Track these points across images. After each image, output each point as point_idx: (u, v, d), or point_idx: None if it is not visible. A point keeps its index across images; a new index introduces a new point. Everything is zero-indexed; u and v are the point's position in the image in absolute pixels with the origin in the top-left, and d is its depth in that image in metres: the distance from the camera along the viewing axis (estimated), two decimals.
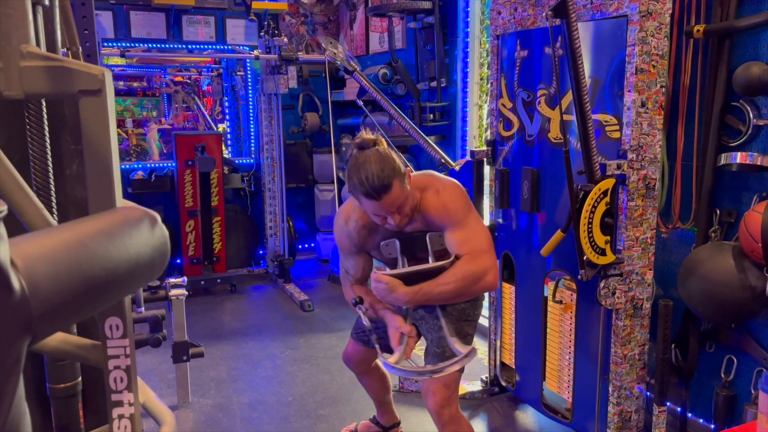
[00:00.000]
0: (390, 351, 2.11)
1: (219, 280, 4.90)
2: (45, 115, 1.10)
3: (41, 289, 0.60)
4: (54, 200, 1.14)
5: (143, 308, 2.73)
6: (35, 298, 0.59)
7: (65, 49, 1.29)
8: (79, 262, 0.66)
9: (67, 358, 1.09)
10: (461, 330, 2.16)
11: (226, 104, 6.02)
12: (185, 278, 3.10)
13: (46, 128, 1.08)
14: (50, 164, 1.11)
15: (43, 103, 1.08)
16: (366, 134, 1.99)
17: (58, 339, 0.99)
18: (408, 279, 1.94)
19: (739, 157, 2.22)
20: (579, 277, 2.28)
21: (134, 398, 0.97)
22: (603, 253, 2.26)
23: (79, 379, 1.17)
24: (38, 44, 1.10)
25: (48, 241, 0.65)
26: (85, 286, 0.67)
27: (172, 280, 3.05)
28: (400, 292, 1.92)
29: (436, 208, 2.00)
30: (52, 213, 1.14)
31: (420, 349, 2.39)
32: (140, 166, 5.28)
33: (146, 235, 0.77)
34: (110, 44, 4.85)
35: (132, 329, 0.99)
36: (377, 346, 2.08)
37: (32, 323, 0.59)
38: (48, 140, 1.10)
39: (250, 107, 5.60)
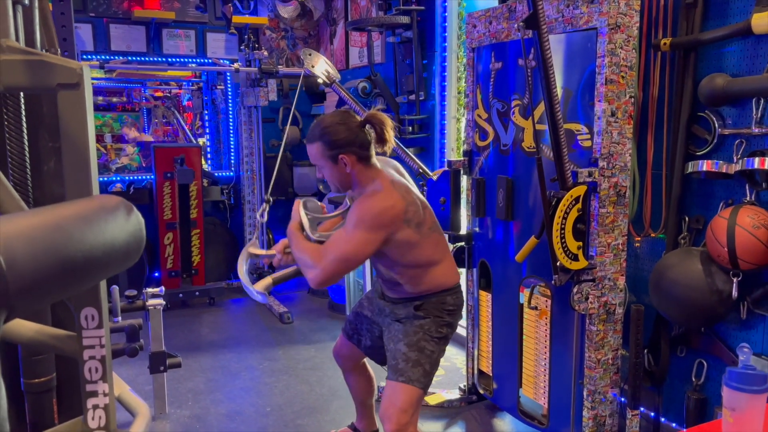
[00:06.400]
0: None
1: (197, 293, 4.87)
2: (23, 112, 1.11)
3: (18, 265, 0.62)
4: (31, 196, 1.15)
5: (120, 318, 2.72)
6: (12, 274, 0.61)
7: (44, 50, 1.31)
8: (55, 242, 0.68)
9: (42, 349, 1.09)
10: (418, 344, 2.16)
11: (206, 118, 6.02)
12: (163, 288, 3.09)
13: (24, 125, 1.10)
14: (28, 161, 1.13)
15: (22, 100, 1.10)
16: (372, 112, 2.12)
17: (33, 330, 1.00)
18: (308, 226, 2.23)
19: (706, 165, 2.30)
20: (552, 282, 2.32)
21: (109, 389, 0.98)
22: (576, 258, 2.31)
23: (54, 374, 1.17)
24: (17, 42, 1.12)
25: (26, 222, 0.67)
26: (61, 266, 0.68)
27: (150, 290, 3.04)
28: (291, 225, 2.20)
29: (354, 204, 2.13)
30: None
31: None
32: (118, 178, 5.26)
33: (122, 221, 0.79)
34: (89, 57, 4.84)
35: (107, 319, 1.00)
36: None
37: (8, 298, 0.61)
38: (26, 137, 1.12)
39: (230, 120, 5.62)
